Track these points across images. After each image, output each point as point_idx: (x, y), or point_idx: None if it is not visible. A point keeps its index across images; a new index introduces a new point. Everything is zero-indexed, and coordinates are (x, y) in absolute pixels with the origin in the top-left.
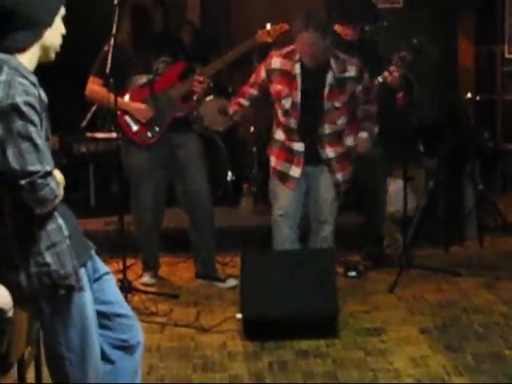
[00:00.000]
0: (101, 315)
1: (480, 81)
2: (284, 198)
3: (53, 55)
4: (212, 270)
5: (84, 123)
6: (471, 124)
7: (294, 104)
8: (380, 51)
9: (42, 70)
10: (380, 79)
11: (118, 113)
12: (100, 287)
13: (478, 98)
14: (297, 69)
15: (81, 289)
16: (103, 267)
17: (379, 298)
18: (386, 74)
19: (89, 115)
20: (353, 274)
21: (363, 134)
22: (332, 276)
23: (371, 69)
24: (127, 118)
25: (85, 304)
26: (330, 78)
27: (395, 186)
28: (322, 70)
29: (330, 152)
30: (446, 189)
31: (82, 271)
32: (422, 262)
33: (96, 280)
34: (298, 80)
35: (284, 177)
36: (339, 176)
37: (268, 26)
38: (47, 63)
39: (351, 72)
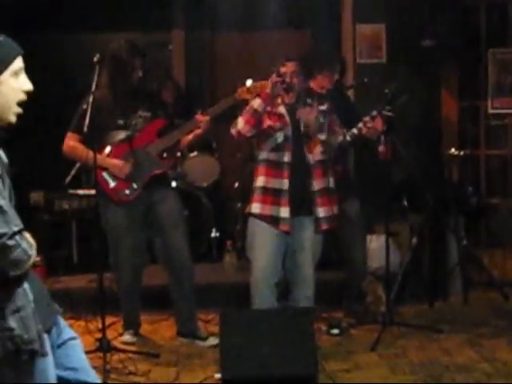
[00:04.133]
0: (64, 382)
1: (463, 136)
2: (264, 252)
3: (9, 117)
4: (193, 328)
5: (68, 179)
6: (454, 179)
7: (286, 138)
8: (352, 104)
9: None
10: (355, 131)
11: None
12: (64, 352)
13: (461, 153)
14: (281, 108)
15: (44, 354)
16: (68, 332)
17: (361, 357)
18: (360, 125)
19: (73, 171)
20: (335, 331)
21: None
22: (311, 336)
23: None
24: (105, 175)
25: (47, 370)
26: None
27: (378, 242)
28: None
29: (315, 185)
30: (430, 244)
31: (45, 337)
32: (405, 319)
33: (60, 345)
34: (286, 116)
35: (275, 220)
36: (320, 211)
37: (248, 83)
38: (10, 126)
39: (323, 107)
